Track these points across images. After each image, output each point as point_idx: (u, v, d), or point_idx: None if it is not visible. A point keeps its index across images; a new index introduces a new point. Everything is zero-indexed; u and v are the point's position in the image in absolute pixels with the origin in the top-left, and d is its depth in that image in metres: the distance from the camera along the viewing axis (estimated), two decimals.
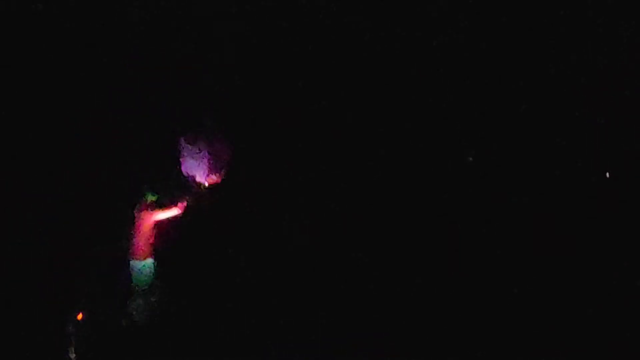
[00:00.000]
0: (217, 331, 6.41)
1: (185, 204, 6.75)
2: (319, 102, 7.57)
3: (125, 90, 7.42)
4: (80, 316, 6.80)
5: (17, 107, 7.39)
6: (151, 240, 6.74)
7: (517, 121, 7.79)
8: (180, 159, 6.93)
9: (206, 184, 6.90)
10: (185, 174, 6.94)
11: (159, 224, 6.74)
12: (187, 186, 6.87)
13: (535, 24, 7.82)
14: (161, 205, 6.73)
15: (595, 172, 7.58)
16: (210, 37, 7.59)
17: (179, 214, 6.75)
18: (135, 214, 6.73)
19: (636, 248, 6.97)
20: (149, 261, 6.75)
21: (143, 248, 6.72)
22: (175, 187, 6.84)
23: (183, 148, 6.94)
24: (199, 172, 6.90)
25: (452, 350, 6.25)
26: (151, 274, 6.76)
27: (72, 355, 6.51)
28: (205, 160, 6.89)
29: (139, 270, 6.74)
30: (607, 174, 7.43)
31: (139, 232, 6.72)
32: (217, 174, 6.92)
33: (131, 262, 6.75)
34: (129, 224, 6.71)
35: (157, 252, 6.73)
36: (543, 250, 7.05)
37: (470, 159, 7.29)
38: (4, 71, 7.47)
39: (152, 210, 6.71)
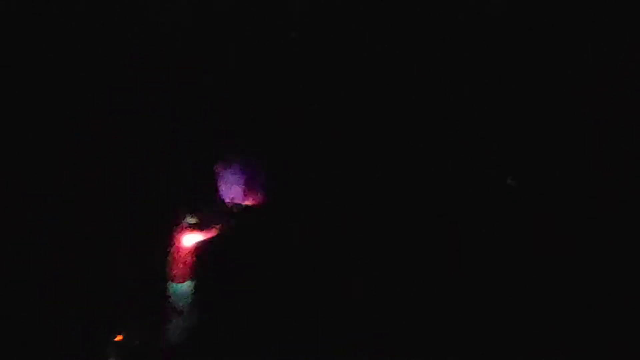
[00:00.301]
0: (256, 354, 6.51)
1: (223, 225, 6.76)
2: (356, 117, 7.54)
3: (164, 113, 7.27)
4: (119, 338, 6.80)
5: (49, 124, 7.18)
6: (190, 263, 6.74)
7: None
8: (218, 181, 6.88)
9: (243, 205, 6.88)
10: (222, 195, 6.90)
11: (197, 247, 6.74)
12: (224, 208, 6.83)
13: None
14: (199, 227, 6.71)
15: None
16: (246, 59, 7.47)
17: (217, 236, 6.76)
18: (174, 237, 6.71)
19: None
20: (188, 283, 6.77)
21: (182, 270, 6.73)
22: (213, 209, 6.80)
23: (220, 170, 6.88)
24: (236, 193, 6.87)
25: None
26: (190, 296, 6.79)
27: None
28: (242, 181, 6.87)
29: (178, 292, 6.75)
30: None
31: (178, 254, 6.72)
32: (254, 195, 6.90)
33: (169, 285, 6.78)
34: (168, 246, 6.69)
35: (195, 274, 6.74)
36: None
37: (510, 181, 7.38)
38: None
39: (190, 233, 6.70)
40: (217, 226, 6.74)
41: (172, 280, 6.74)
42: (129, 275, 6.86)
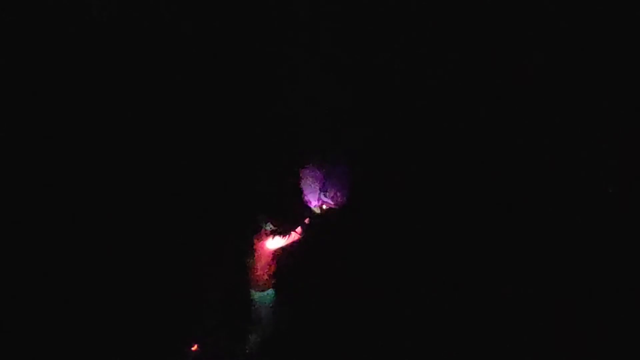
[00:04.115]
0: None
1: (303, 230, 6.52)
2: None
3: (243, 119, 7.09)
4: (195, 347, 6.61)
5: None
6: (271, 270, 6.52)
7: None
8: (297, 186, 6.66)
9: (324, 209, 6.65)
10: (302, 200, 6.67)
11: (278, 253, 6.52)
12: (304, 213, 6.61)
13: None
14: (280, 233, 6.49)
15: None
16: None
17: (298, 241, 6.54)
18: (255, 244, 6.50)
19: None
20: (270, 291, 6.56)
21: (263, 278, 6.51)
22: (292, 214, 6.57)
23: (299, 175, 6.66)
24: (316, 197, 6.64)
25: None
26: (272, 304, 6.57)
27: None
28: (322, 185, 6.64)
29: (260, 300, 6.55)
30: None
31: (259, 262, 6.50)
32: (334, 199, 6.67)
33: (251, 293, 6.57)
34: (248, 254, 6.48)
35: (277, 282, 6.53)
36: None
37: (610, 190, 7.12)
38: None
39: (271, 239, 6.48)
40: (298, 231, 6.53)
41: (254, 288, 6.56)
42: (210, 284, 6.64)
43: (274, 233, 6.47)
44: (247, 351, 6.58)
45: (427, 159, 7.13)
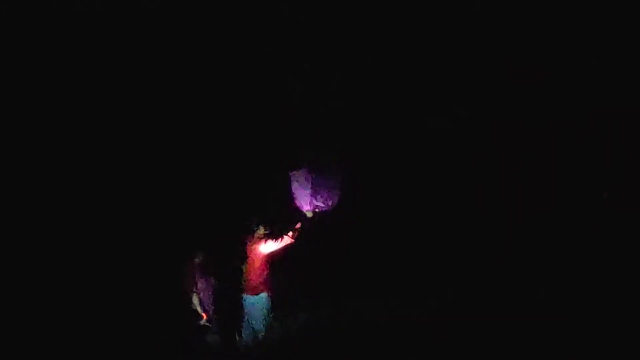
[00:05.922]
0: None
1: (295, 234, 6.56)
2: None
3: (235, 123, 7.10)
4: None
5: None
6: (264, 274, 6.56)
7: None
8: (289, 190, 6.67)
9: (314, 212, 6.67)
10: (294, 204, 6.69)
11: (271, 257, 6.54)
12: (295, 216, 6.63)
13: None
14: (272, 237, 6.52)
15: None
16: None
17: (291, 245, 6.56)
18: (247, 248, 6.53)
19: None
20: (262, 295, 6.59)
21: (256, 282, 6.54)
22: (283, 217, 6.61)
23: (291, 178, 6.68)
24: (308, 201, 6.66)
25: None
26: (265, 308, 6.60)
27: None
28: (313, 188, 6.66)
29: (253, 304, 6.57)
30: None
31: (251, 266, 6.53)
32: (326, 202, 6.68)
33: (245, 297, 6.59)
34: (241, 258, 6.50)
35: (269, 285, 6.55)
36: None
37: (605, 195, 7.16)
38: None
39: (263, 243, 6.51)
40: (290, 235, 6.56)
41: (247, 292, 6.58)
42: (202, 289, 6.65)
43: (266, 237, 6.52)
44: (239, 355, 6.62)
45: (419, 161, 7.17)
